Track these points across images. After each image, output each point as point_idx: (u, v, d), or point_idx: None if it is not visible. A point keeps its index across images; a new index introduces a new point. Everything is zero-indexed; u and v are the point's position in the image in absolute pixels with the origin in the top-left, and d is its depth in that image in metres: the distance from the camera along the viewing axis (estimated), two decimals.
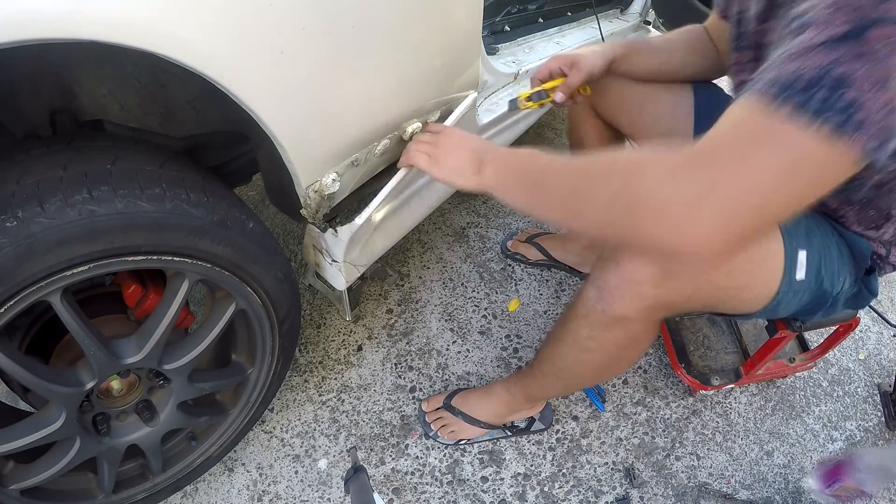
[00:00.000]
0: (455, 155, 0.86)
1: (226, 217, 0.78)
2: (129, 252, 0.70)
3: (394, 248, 1.58)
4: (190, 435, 1.03)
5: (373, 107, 0.87)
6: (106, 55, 0.76)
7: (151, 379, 0.90)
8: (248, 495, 1.13)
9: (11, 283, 0.63)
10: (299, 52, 0.70)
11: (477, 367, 1.36)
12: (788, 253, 0.82)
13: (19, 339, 0.83)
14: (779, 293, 0.84)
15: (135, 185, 0.68)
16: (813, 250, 0.85)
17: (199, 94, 0.86)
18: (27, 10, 0.49)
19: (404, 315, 1.45)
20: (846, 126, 0.50)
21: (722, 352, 1.44)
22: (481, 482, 1.18)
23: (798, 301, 0.88)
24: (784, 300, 0.86)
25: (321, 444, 1.21)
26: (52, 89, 0.79)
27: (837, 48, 0.51)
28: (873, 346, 1.53)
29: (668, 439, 1.28)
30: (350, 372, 1.32)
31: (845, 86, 0.50)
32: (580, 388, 1.29)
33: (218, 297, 0.89)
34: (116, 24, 0.54)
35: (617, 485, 1.20)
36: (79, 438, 0.83)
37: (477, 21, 0.98)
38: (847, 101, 0.50)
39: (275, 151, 0.78)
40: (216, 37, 0.61)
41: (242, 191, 1.68)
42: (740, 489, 1.23)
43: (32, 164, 0.67)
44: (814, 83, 0.51)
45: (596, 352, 0.90)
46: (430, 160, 0.89)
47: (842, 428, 1.35)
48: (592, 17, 1.72)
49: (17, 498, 0.85)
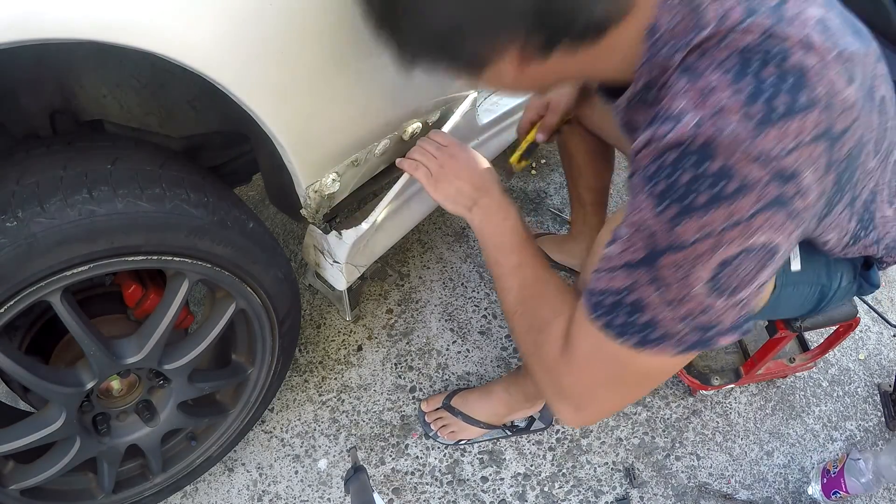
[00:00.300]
0: (455, 183, 0.86)
1: (226, 217, 0.78)
2: (128, 252, 0.70)
3: (394, 248, 1.58)
4: (190, 435, 1.03)
5: (373, 107, 0.87)
6: (106, 55, 0.76)
7: (151, 379, 0.90)
8: (248, 495, 1.13)
9: (11, 283, 0.63)
10: (299, 51, 0.70)
11: (477, 367, 1.36)
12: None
13: (19, 339, 0.83)
14: (776, 287, 0.84)
15: (135, 185, 0.68)
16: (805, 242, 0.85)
17: (198, 94, 0.86)
18: (27, 10, 0.49)
19: (404, 315, 1.45)
20: (646, 343, 0.55)
21: (722, 352, 1.44)
22: (481, 482, 1.18)
23: (798, 295, 0.88)
24: (784, 294, 0.86)
25: (321, 444, 1.21)
26: (52, 89, 0.79)
27: (633, 273, 0.54)
28: (873, 346, 1.53)
29: (668, 439, 1.28)
30: (350, 372, 1.32)
31: (640, 310, 0.54)
32: None
33: (218, 297, 0.89)
34: (116, 24, 0.54)
35: (617, 485, 1.20)
36: (79, 438, 0.83)
37: None
38: (642, 323, 0.55)
39: (275, 151, 0.78)
40: (216, 36, 0.61)
41: (242, 191, 1.67)
42: (740, 489, 1.23)
43: (32, 164, 0.67)
44: (616, 306, 0.56)
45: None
46: (430, 178, 0.88)
47: (842, 428, 1.35)
48: None
49: (17, 498, 0.85)
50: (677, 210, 0.50)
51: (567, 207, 1.78)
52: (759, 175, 0.48)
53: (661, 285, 0.53)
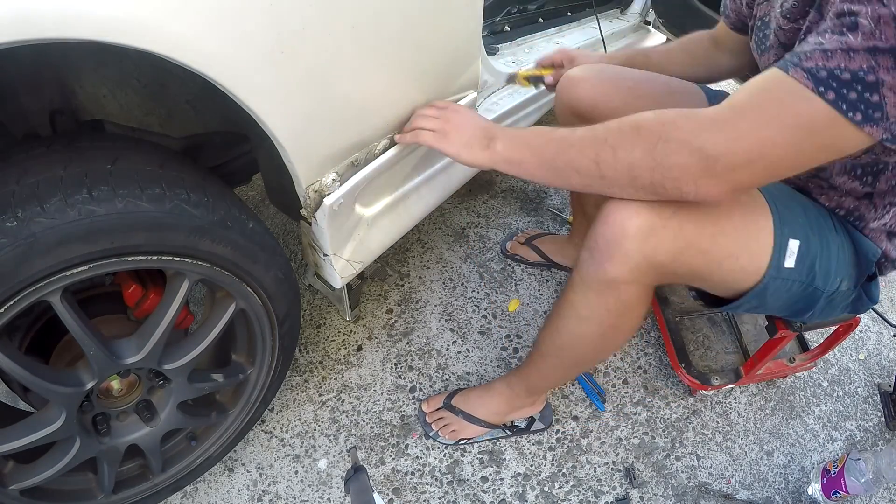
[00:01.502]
0: (463, 131, 0.88)
1: (226, 217, 0.78)
2: (128, 252, 0.70)
3: (394, 248, 1.58)
4: (190, 435, 1.03)
5: (373, 107, 0.87)
6: (106, 55, 0.76)
7: (151, 379, 0.90)
8: (248, 495, 1.13)
9: (11, 283, 0.63)
10: (299, 52, 0.70)
11: (477, 367, 1.36)
12: (778, 237, 0.84)
13: (19, 339, 0.83)
14: (766, 276, 0.85)
15: (135, 185, 0.68)
16: (809, 243, 0.85)
17: (198, 94, 0.86)
18: (27, 10, 0.49)
19: (404, 315, 1.45)
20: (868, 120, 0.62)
21: (722, 352, 1.44)
22: (481, 482, 1.18)
23: (787, 291, 0.88)
24: (772, 286, 0.86)
25: (321, 444, 1.21)
26: (52, 89, 0.79)
27: (877, 57, 0.60)
28: (873, 346, 1.53)
29: (668, 439, 1.28)
30: (350, 372, 1.33)
31: (874, 90, 0.61)
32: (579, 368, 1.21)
33: (218, 297, 0.89)
34: (116, 24, 0.54)
35: (617, 485, 1.20)
36: (79, 438, 0.83)
37: (477, 21, 0.98)
38: (875, 102, 0.61)
39: (275, 151, 0.78)
40: (216, 37, 0.61)
41: (242, 191, 1.68)
42: (740, 489, 1.23)
43: (32, 164, 0.67)
44: (850, 82, 0.61)
45: (591, 321, 0.91)
46: (438, 135, 0.89)
47: (842, 428, 1.36)
48: (592, 17, 1.72)
49: (17, 498, 0.85)
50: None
51: (567, 207, 1.78)
52: None
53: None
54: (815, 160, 0.69)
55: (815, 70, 0.63)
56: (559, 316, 0.97)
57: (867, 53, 0.60)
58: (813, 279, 0.87)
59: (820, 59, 0.63)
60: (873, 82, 0.60)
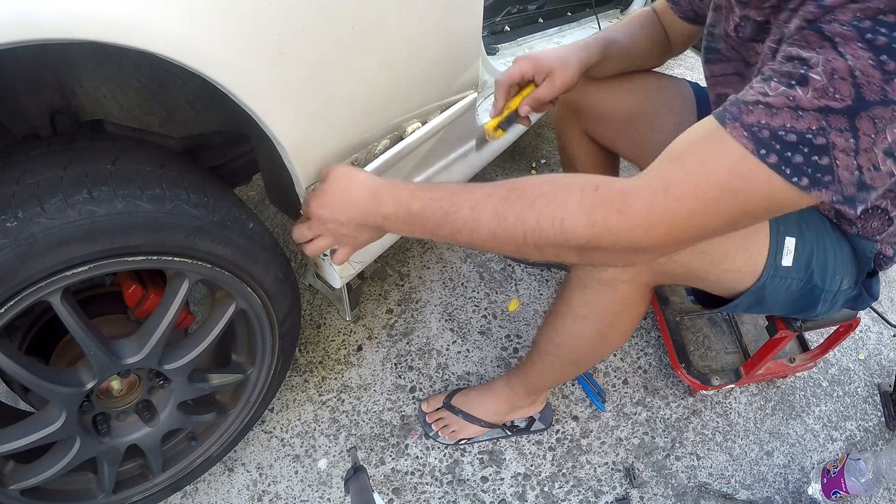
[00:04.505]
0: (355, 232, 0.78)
1: (226, 217, 0.78)
2: (129, 252, 0.70)
3: (394, 248, 1.58)
4: (190, 435, 1.03)
5: (372, 107, 0.87)
6: (106, 55, 0.76)
7: (151, 379, 0.90)
8: (248, 495, 1.13)
9: (11, 283, 0.63)
10: (299, 52, 0.70)
11: (477, 367, 1.36)
12: (774, 235, 0.83)
13: (19, 339, 0.83)
14: (763, 275, 0.84)
15: (135, 185, 0.68)
16: (805, 241, 0.85)
17: (198, 94, 0.86)
18: (27, 10, 0.49)
19: (404, 315, 1.45)
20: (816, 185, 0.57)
21: (722, 352, 1.44)
22: (481, 482, 1.18)
23: (785, 290, 0.88)
24: (770, 285, 0.86)
25: (321, 444, 1.21)
26: (52, 89, 0.79)
27: (828, 118, 0.54)
28: (873, 346, 1.53)
29: (668, 439, 1.28)
30: (350, 372, 1.33)
31: (824, 153, 0.55)
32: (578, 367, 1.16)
33: (218, 298, 0.89)
34: (116, 24, 0.54)
35: (617, 485, 1.20)
36: (79, 438, 0.83)
37: (477, 21, 0.98)
38: (824, 165, 0.55)
39: (275, 151, 0.78)
40: (216, 37, 0.61)
41: (242, 191, 1.67)
42: (740, 489, 1.23)
43: (32, 164, 0.67)
44: (796, 145, 0.55)
45: (589, 320, 0.91)
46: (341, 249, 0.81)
47: (842, 428, 1.36)
48: (592, 17, 1.72)
49: (17, 498, 0.85)
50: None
51: None
52: None
53: (854, 135, 0.54)
54: (757, 220, 0.65)
55: (757, 129, 0.56)
56: (557, 315, 0.97)
57: (818, 113, 0.54)
58: (811, 277, 0.87)
59: (763, 115, 0.56)
60: (823, 145, 0.55)
